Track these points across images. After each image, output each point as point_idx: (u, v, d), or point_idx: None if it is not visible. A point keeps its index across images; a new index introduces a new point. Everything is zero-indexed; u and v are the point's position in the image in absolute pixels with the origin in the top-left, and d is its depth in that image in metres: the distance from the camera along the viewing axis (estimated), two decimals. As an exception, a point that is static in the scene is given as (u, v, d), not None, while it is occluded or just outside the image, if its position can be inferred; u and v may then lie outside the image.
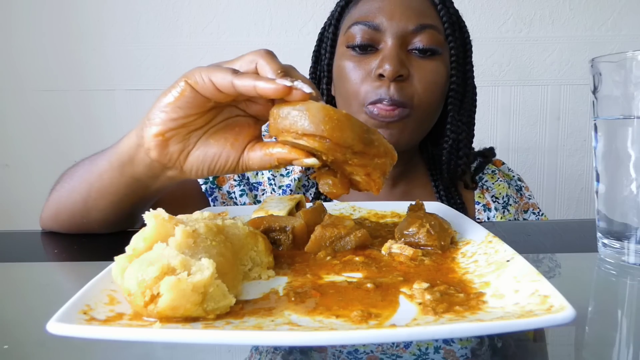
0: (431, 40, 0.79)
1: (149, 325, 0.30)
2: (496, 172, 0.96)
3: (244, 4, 1.59)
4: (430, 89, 0.79)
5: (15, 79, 1.66)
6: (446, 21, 0.81)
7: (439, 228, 0.47)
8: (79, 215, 0.62)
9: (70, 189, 0.63)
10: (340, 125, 0.40)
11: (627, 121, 0.45)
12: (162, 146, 0.49)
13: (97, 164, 0.59)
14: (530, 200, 0.96)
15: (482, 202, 0.93)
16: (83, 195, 0.61)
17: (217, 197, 0.87)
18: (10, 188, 1.70)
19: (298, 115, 0.42)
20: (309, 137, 0.41)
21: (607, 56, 0.46)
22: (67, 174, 0.66)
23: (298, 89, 0.43)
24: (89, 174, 0.60)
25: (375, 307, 0.34)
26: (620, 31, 1.55)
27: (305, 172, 0.90)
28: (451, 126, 0.87)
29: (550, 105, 1.61)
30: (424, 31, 0.78)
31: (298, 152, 0.45)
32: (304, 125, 0.41)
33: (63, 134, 1.67)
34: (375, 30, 0.79)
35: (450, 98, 0.86)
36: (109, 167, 0.57)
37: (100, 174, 0.58)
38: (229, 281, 0.34)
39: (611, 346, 0.33)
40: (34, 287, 0.47)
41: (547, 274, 0.44)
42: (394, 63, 0.75)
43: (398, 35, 0.78)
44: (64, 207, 0.63)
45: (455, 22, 0.84)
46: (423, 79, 0.78)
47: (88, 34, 1.63)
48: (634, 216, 0.46)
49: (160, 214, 0.37)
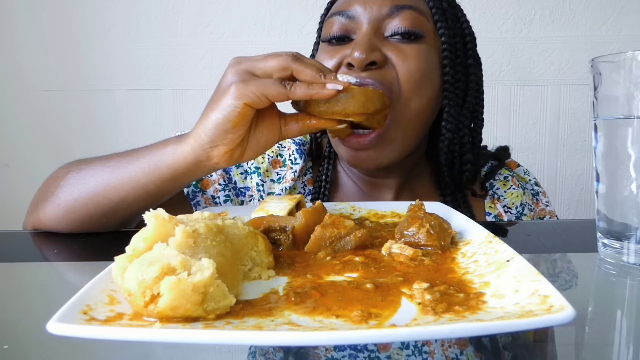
0: (409, 21, 0.71)
1: (149, 325, 0.30)
2: (509, 178, 0.87)
3: (244, 4, 1.59)
4: (412, 74, 0.70)
5: (15, 79, 1.66)
6: (433, 6, 0.74)
7: (439, 228, 0.47)
8: (100, 215, 0.63)
9: (91, 193, 0.62)
10: (373, 101, 0.55)
11: (627, 121, 0.45)
12: (229, 157, 0.57)
13: (134, 177, 0.61)
14: (548, 207, 0.88)
15: (493, 212, 0.85)
16: (114, 200, 0.62)
17: (200, 202, 0.80)
18: (10, 188, 1.70)
19: (346, 100, 0.54)
20: (355, 115, 0.55)
21: (607, 56, 0.46)
22: (72, 176, 0.64)
23: (346, 83, 0.53)
24: (123, 184, 0.61)
25: (375, 307, 0.34)
26: (620, 31, 1.55)
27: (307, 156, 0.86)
28: (446, 123, 0.77)
29: (550, 105, 1.61)
30: (400, 12, 0.71)
31: (329, 122, 0.57)
32: (354, 107, 0.54)
33: (63, 134, 1.67)
34: (349, 19, 0.72)
35: (445, 92, 0.76)
36: (158, 178, 0.60)
37: (145, 185, 0.61)
38: (229, 281, 0.34)
39: (611, 346, 0.33)
40: (34, 287, 0.47)
41: (547, 274, 0.44)
42: (363, 48, 0.67)
43: (371, 21, 0.71)
44: (83, 209, 0.63)
45: (447, 9, 0.76)
46: (403, 64, 0.69)
47: (88, 34, 1.63)
48: (634, 216, 0.46)
49: (160, 214, 0.37)
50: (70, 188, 0.64)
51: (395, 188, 0.83)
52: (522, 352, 0.34)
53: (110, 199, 0.62)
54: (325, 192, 0.83)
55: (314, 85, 0.52)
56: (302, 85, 0.52)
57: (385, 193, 0.83)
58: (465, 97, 0.80)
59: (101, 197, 0.62)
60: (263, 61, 0.54)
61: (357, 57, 0.67)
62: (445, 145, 0.78)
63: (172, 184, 0.61)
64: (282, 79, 0.53)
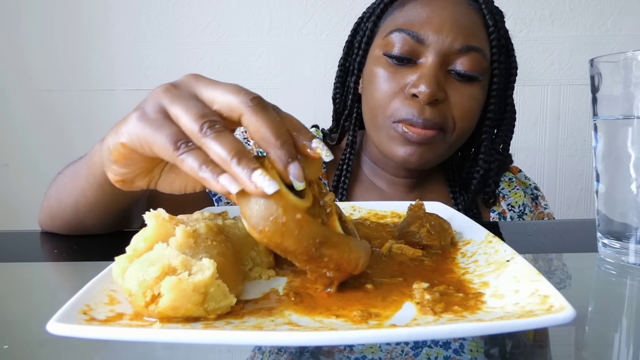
0: (474, 65, 0.74)
1: (149, 325, 0.30)
2: (513, 180, 0.93)
3: (244, 4, 1.59)
4: (466, 115, 0.75)
5: (15, 79, 1.66)
6: (495, 45, 0.76)
7: (439, 228, 0.47)
8: (73, 222, 0.62)
9: (59, 199, 0.62)
10: (283, 233, 0.33)
11: (627, 121, 0.45)
12: (127, 186, 0.45)
13: (78, 181, 0.57)
14: (546, 210, 0.93)
15: (497, 210, 0.89)
16: (72, 207, 0.60)
17: (222, 197, 0.82)
18: (10, 188, 1.69)
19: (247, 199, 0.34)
20: (249, 225, 0.34)
21: (607, 56, 0.46)
22: (54, 183, 0.64)
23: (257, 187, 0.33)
24: (73, 190, 0.58)
25: (375, 307, 0.34)
26: (620, 31, 1.55)
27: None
28: (484, 156, 0.82)
29: (550, 105, 1.61)
30: (469, 54, 0.73)
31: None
32: (246, 212, 0.34)
33: (63, 134, 1.66)
34: (417, 42, 0.73)
35: (486, 127, 0.81)
36: (89, 186, 0.55)
37: (83, 191, 0.56)
38: (230, 281, 0.34)
39: (611, 346, 0.33)
40: (34, 287, 0.47)
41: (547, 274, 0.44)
42: (432, 85, 0.70)
43: (441, 53, 0.72)
44: (57, 214, 0.62)
45: (504, 46, 0.79)
46: (459, 105, 0.74)
47: (88, 34, 1.63)
48: (634, 216, 0.46)
49: (160, 214, 0.37)
50: (50, 196, 0.64)
51: (409, 187, 0.88)
52: (522, 352, 0.34)
53: (68, 205, 0.59)
54: (345, 187, 0.85)
55: (207, 168, 0.34)
56: (196, 156, 0.35)
57: (400, 191, 0.88)
58: (500, 127, 0.85)
59: (65, 205, 0.60)
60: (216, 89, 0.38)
61: (425, 92, 0.70)
62: (480, 175, 0.83)
63: (100, 191, 0.54)
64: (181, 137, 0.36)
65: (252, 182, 0.33)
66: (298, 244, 0.34)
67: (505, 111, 0.84)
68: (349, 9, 1.56)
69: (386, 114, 0.75)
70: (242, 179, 0.33)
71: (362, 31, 0.84)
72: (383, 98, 0.75)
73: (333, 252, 0.35)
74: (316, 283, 0.38)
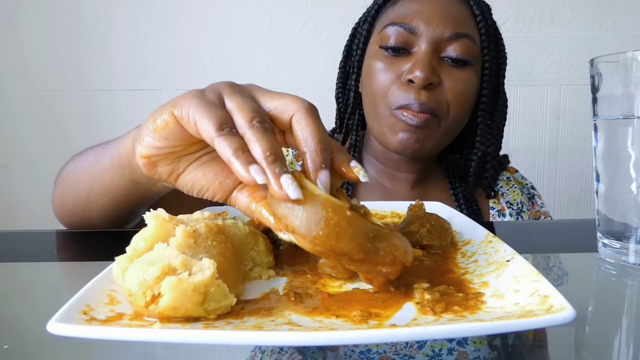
0: (465, 50, 0.78)
1: (149, 325, 0.30)
2: (511, 179, 0.97)
3: (244, 4, 1.59)
4: (460, 99, 0.79)
5: (15, 79, 1.66)
6: (484, 33, 0.81)
7: (439, 228, 0.47)
8: (80, 207, 0.63)
9: (74, 179, 0.63)
10: (337, 233, 0.32)
11: (627, 121, 0.45)
12: (151, 167, 0.45)
13: (100, 160, 0.58)
14: (542, 208, 0.96)
15: (496, 207, 0.93)
16: (86, 188, 0.61)
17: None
18: (10, 188, 1.70)
19: (290, 209, 0.33)
20: (298, 236, 0.34)
21: (607, 56, 0.46)
22: (73, 162, 0.65)
23: (282, 189, 0.33)
24: (92, 169, 0.60)
25: (375, 307, 0.34)
26: (620, 31, 1.55)
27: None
28: (481, 138, 0.86)
29: (550, 105, 1.61)
30: (459, 40, 0.77)
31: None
32: (295, 222, 0.33)
33: (63, 134, 1.67)
34: (410, 32, 0.78)
35: (481, 111, 0.85)
36: (110, 166, 0.56)
37: (102, 171, 0.58)
38: (230, 281, 0.34)
39: (611, 346, 0.33)
40: (34, 287, 0.47)
41: (547, 274, 0.44)
42: (426, 70, 0.74)
43: (433, 41, 0.77)
44: (69, 195, 0.63)
45: (492, 34, 0.83)
46: (453, 89, 0.78)
47: (88, 34, 1.63)
48: (634, 216, 0.46)
49: (160, 214, 0.37)
50: (66, 176, 0.65)
51: (411, 183, 0.90)
52: (522, 352, 0.34)
53: (83, 185, 0.60)
54: (350, 186, 0.89)
55: (241, 155, 0.35)
56: (235, 141, 0.36)
57: (403, 187, 0.90)
58: (494, 112, 0.88)
59: (80, 186, 0.61)
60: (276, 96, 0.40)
61: (420, 77, 0.74)
62: (477, 157, 0.87)
63: (119, 174, 0.55)
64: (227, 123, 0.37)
65: (279, 182, 0.33)
66: (354, 242, 0.33)
67: (498, 97, 0.87)
68: (349, 9, 1.56)
69: (386, 102, 0.79)
70: (272, 177, 0.34)
71: (359, 34, 0.88)
72: (381, 87, 0.79)
73: (386, 245, 0.35)
74: (372, 284, 0.37)
